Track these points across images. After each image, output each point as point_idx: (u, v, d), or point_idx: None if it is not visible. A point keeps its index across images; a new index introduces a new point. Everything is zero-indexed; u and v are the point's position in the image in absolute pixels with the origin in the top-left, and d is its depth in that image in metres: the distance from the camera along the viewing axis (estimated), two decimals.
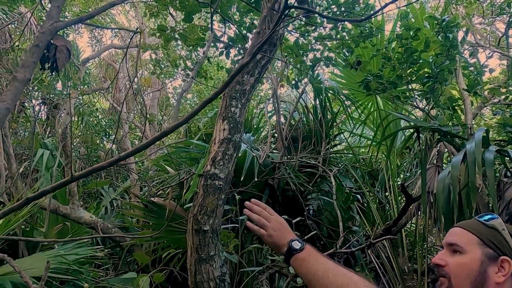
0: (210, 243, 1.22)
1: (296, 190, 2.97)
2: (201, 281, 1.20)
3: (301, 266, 1.03)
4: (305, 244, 1.05)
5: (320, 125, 3.54)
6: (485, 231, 0.97)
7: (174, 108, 2.82)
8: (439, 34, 2.47)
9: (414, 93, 2.98)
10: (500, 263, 0.91)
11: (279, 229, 1.12)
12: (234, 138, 1.34)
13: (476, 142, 1.70)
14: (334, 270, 0.99)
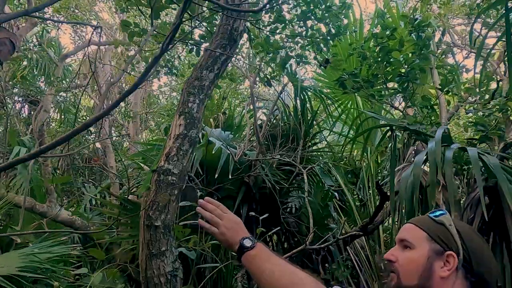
0: (161, 239, 1.21)
1: (271, 188, 2.97)
2: (152, 277, 1.20)
3: (251, 264, 1.04)
4: (256, 242, 1.06)
5: (300, 123, 3.56)
6: (434, 226, 0.99)
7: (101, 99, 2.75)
8: (411, 33, 2.50)
9: (388, 92, 3.01)
10: (445, 258, 0.93)
11: (232, 227, 1.13)
12: (190, 134, 1.33)
13: (436, 141, 1.72)
14: (282, 268, 1.01)
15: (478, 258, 0.93)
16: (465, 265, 0.92)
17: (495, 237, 2.16)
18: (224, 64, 1.49)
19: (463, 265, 0.92)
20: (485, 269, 0.93)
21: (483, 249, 0.95)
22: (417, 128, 2.29)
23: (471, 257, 0.92)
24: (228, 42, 1.49)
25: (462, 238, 0.94)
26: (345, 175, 4.68)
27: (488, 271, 0.93)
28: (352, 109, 3.74)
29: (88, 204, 4.62)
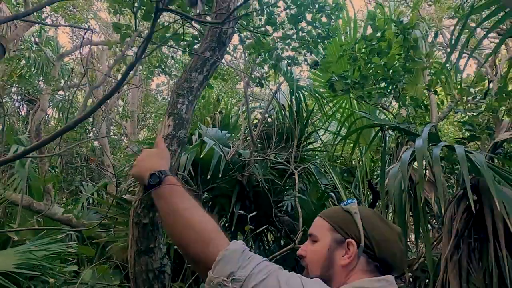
0: (150, 236, 1.25)
1: (264, 187, 3.02)
2: (140, 272, 1.24)
3: (158, 201, 1.03)
4: (165, 178, 1.04)
5: (295, 122, 3.60)
6: (339, 215, 1.01)
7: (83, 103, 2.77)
8: (397, 35, 2.54)
9: (378, 93, 3.06)
10: (346, 246, 0.95)
11: (148, 159, 1.12)
12: (179, 134, 1.38)
13: (423, 138, 1.77)
14: (190, 210, 0.97)
15: (381, 244, 0.95)
16: (367, 251, 0.94)
17: (479, 234, 2.21)
18: (213, 67, 1.53)
19: (365, 251, 0.94)
20: (388, 254, 0.95)
21: (387, 235, 0.96)
22: (406, 127, 2.34)
23: (372, 243, 0.94)
24: (217, 45, 1.53)
25: (365, 226, 0.95)
26: (341, 174, 4.73)
27: (392, 256, 0.95)
28: (346, 108, 3.79)
29: (85, 203, 4.67)
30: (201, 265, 0.90)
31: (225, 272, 0.84)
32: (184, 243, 0.94)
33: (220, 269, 0.85)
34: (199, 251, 0.91)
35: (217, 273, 0.85)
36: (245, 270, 0.84)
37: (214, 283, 0.84)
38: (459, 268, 2.38)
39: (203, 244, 0.91)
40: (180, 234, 0.95)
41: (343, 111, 3.93)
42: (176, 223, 0.96)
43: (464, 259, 2.39)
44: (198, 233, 0.93)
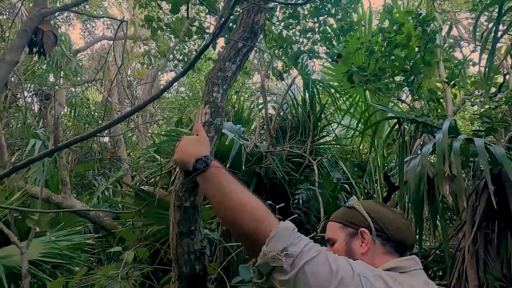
0: (191, 219, 1.30)
1: (282, 179, 3.06)
2: (182, 253, 1.29)
3: (205, 185, 1.07)
4: (211, 163, 1.08)
5: (308, 116, 3.64)
6: (346, 213, 1.09)
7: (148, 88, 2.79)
8: (416, 27, 2.56)
9: (396, 85, 3.08)
10: (360, 236, 1.02)
11: (190, 146, 1.18)
12: (216, 122, 1.42)
13: (443, 132, 1.80)
14: (239, 191, 1.02)
15: (389, 225, 1.03)
16: (380, 234, 1.02)
17: (499, 225, 2.23)
18: (245, 56, 1.57)
19: (378, 235, 1.02)
20: (398, 232, 1.02)
21: (394, 220, 1.04)
22: (425, 120, 2.36)
23: (382, 227, 1.03)
24: (250, 35, 1.56)
25: (369, 213, 1.04)
26: (352, 169, 4.76)
27: (402, 233, 1.03)
28: (360, 102, 3.81)
29: (100, 196, 4.75)
30: (253, 242, 0.94)
31: (279, 247, 0.88)
32: (237, 222, 0.98)
33: (273, 244, 0.89)
34: (251, 229, 0.94)
35: (271, 248, 0.88)
36: (297, 247, 0.88)
37: (269, 257, 0.87)
38: (476, 259, 2.41)
39: (256, 222, 0.95)
40: (232, 214, 0.99)
41: (358, 104, 3.95)
42: (228, 203, 1.00)
43: (481, 249, 2.42)
44: (250, 212, 0.97)
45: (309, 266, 0.87)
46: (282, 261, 0.86)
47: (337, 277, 0.85)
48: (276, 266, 0.87)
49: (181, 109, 4.66)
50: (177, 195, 1.32)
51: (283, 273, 0.86)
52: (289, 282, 0.86)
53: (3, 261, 2.57)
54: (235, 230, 1.02)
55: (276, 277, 0.88)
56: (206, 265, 1.33)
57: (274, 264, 0.87)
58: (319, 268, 0.87)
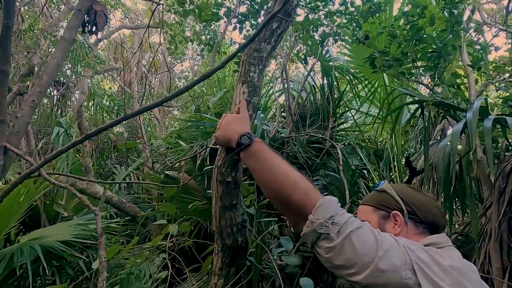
0: (232, 193, 1.35)
1: (304, 164, 3.10)
2: (225, 226, 1.34)
3: (249, 160, 1.11)
4: (254, 139, 1.13)
5: (328, 103, 3.64)
6: (377, 196, 1.12)
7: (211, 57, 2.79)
8: (444, 10, 2.54)
9: (419, 70, 3.07)
10: (393, 218, 1.06)
11: (230, 125, 1.21)
12: (253, 101, 1.45)
13: (474, 111, 1.80)
14: (283, 165, 1.05)
15: (420, 207, 1.06)
16: (412, 217, 1.05)
17: None
18: (279, 37, 1.60)
19: (410, 217, 1.05)
20: (430, 214, 1.06)
21: (426, 202, 1.07)
22: (452, 102, 2.36)
23: (413, 209, 1.06)
24: (284, 15, 1.59)
25: (401, 196, 1.07)
26: (368, 157, 4.76)
27: (434, 215, 1.06)
28: (381, 86, 3.78)
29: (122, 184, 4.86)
30: (298, 213, 0.98)
31: (326, 215, 0.92)
32: (282, 195, 1.01)
33: (320, 212, 0.93)
34: (297, 201, 0.98)
35: (318, 215, 0.92)
36: (342, 217, 0.92)
37: (316, 224, 0.91)
38: (500, 242, 2.42)
39: (301, 194, 0.98)
40: (277, 187, 1.02)
41: (377, 91, 3.94)
42: (273, 176, 1.04)
43: (505, 233, 2.43)
44: (296, 184, 1.00)
45: (355, 234, 0.90)
46: (329, 228, 0.90)
47: (382, 246, 0.88)
48: (323, 233, 0.89)
49: (197, 99, 4.71)
50: (220, 171, 1.37)
51: (329, 240, 0.89)
52: (335, 248, 0.88)
53: (39, 241, 2.68)
54: (279, 203, 1.05)
55: (322, 245, 0.91)
56: (247, 237, 1.38)
57: (321, 231, 0.90)
58: (365, 238, 0.90)
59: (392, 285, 0.84)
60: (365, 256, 0.86)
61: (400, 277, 0.84)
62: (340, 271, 0.89)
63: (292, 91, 4.43)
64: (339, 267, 0.89)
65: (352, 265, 0.86)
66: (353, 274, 0.86)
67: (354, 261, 0.86)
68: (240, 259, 1.36)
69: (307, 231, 0.93)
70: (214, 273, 1.34)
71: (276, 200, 1.06)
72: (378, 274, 0.84)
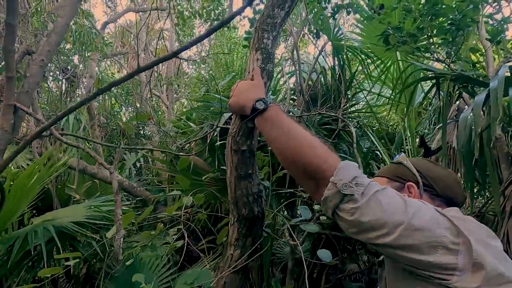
0: (248, 162, 1.31)
1: None
2: (241, 196, 1.30)
3: (264, 126, 1.06)
4: (270, 104, 1.08)
5: (339, 83, 3.56)
6: (393, 169, 1.10)
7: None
8: None
9: (435, 45, 2.96)
10: (407, 190, 1.03)
11: (245, 91, 1.16)
12: (268, 68, 1.40)
13: (499, 78, 1.72)
14: (300, 130, 1.00)
15: (437, 180, 1.03)
16: (428, 189, 1.02)
17: None
18: (293, 2, 1.53)
19: (426, 189, 1.02)
20: (447, 187, 1.02)
21: (445, 177, 1.04)
22: (471, 75, 2.27)
23: (430, 181, 1.03)
24: None
25: (418, 169, 1.03)
26: (380, 138, 4.68)
27: (451, 189, 1.03)
28: (394, 62, 3.67)
29: (132, 167, 4.88)
30: (317, 178, 0.93)
31: (349, 176, 0.87)
32: (299, 160, 0.96)
33: (342, 173, 0.87)
34: (316, 165, 0.92)
35: (341, 176, 0.87)
36: (365, 179, 0.87)
37: (340, 185, 0.85)
38: None
39: (321, 158, 0.93)
40: (295, 152, 0.97)
41: (389, 71, 3.83)
42: (291, 141, 0.99)
43: None
44: (315, 148, 0.95)
45: (380, 194, 0.86)
46: (353, 188, 0.85)
47: (411, 205, 0.84)
48: (347, 195, 0.84)
49: (206, 83, 4.67)
50: (234, 139, 1.33)
51: (354, 201, 0.84)
52: (361, 208, 0.83)
53: (52, 222, 2.70)
54: (297, 169, 1.00)
55: (345, 207, 0.85)
56: (263, 207, 1.35)
57: (345, 191, 0.85)
58: (391, 198, 0.86)
59: (425, 245, 0.79)
60: (396, 215, 0.82)
61: (435, 235, 0.79)
62: (367, 234, 0.84)
63: (303, 74, 4.35)
64: (365, 230, 0.83)
65: (382, 225, 0.81)
66: (383, 235, 0.81)
67: (383, 220, 0.81)
68: (256, 230, 1.33)
69: (328, 194, 0.88)
70: (230, 243, 1.31)
71: (293, 166, 1.01)
72: (411, 233, 0.79)
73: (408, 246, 0.80)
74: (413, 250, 0.79)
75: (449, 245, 0.79)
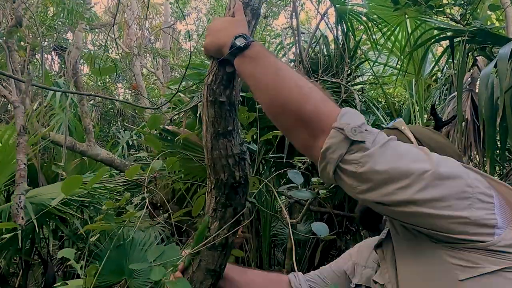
0: (227, 116, 1.08)
1: None
2: (219, 157, 1.08)
3: (246, 66, 0.85)
4: (252, 41, 0.86)
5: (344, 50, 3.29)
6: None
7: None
8: None
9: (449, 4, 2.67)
10: None
11: (225, 27, 0.93)
12: (252, 3, 1.14)
13: None
14: (291, 70, 0.83)
15: (437, 151, 0.83)
16: None
17: None
18: None
19: None
20: None
21: (447, 148, 0.90)
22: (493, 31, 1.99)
23: None
24: None
25: (417, 136, 0.91)
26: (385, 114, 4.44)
27: None
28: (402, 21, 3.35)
29: (125, 146, 4.69)
30: (312, 127, 0.75)
31: (357, 121, 0.70)
32: (290, 105, 0.77)
33: (348, 118, 0.71)
34: (310, 111, 0.75)
35: (348, 121, 0.70)
36: (372, 128, 0.72)
37: (348, 129, 0.68)
38: None
39: (319, 103, 0.76)
40: (284, 95, 0.78)
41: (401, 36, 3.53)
42: (280, 83, 0.80)
43: None
44: (309, 91, 0.77)
45: (394, 142, 0.70)
46: (363, 134, 0.67)
47: (430, 154, 0.69)
48: (356, 141, 0.68)
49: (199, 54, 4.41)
50: (210, 89, 1.09)
51: (364, 149, 0.67)
52: (373, 156, 0.66)
53: (31, 200, 2.51)
54: (287, 117, 0.80)
55: (353, 158, 0.68)
56: (247, 172, 1.12)
57: (355, 137, 0.67)
58: (407, 146, 0.71)
59: (457, 196, 0.63)
60: (418, 162, 0.65)
61: (467, 184, 0.64)
62: (383, 188, 0.66)
63: (304, 43, 4.06)
64: (381, 183, 0.65)
65: (402, 173, 0.64)
66: (404, 188, 0.64)
67: (404, 168, 0.64)
68: (238, 199, 1.11)
69: (331, 143, 0.69)
70: (206, 215, 1.09)
71: (282, 115, 0.81)
72: (439, 182, 0.63)
73: (436, 199, 0.63)
74: (442, 205, 0.63)
75: (484, 198, 0.65)
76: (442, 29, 2.31)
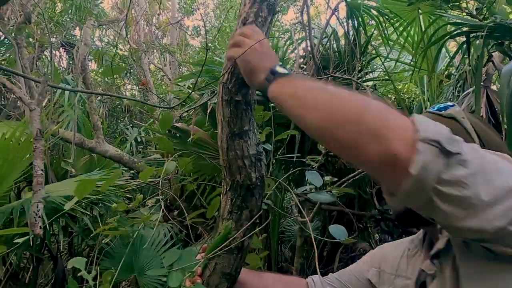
0: (243, 116, 1.04)
1: None
2: (235, 158, 1.05)
3: (283, 86, 0.77)
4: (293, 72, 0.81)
5: (355, 45, 3.22)
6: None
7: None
8: None
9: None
10: None
11: (263, 51, 0.86)
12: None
13: None
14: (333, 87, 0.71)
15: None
16: None
17: None
18: None
19: None
20: None
21: (501, 146, 0.78)
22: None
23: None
24: None
25: (478, 133, 0.77)
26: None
27: None
28: (416, 17, 3.27)
29: (133, 142, 4.69)
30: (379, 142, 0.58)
31: (442, 128, 0.57)
32: (351, 113, 0.63)
33: (430, 126, 0.57)
34: (374, 117, 0.60)
35: (433, 129, 0.56)
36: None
37: (442, 139, 0.54)
38: None
39: (383, 117, 0.60)
40: (339, 105, 0.66)
41: (414, 31, 3.46)
42: (329, 94, 0.69)
43: None
44: (361, 97, 0.66)
45: (485, 154, 0.59)
46: (456, 144, 0.55)
47: None
48: (454, 154, 0.54)
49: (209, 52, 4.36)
50: (226, 87, 1.05)
51: (463, 162, 0.54)
52: (475, 175, 0.54)
53: None
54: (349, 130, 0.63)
55: (452, 177, 0.53)
56: (263, 174, 1.09)
57: (454, 149, 0.54)
58: (493, 156, 0.60)
59: None
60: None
61: None
62: (485, 213, 0.53)
63: (314, 39, 3.99)
64: (485, 206, 0.53)
65: (507, 193, 0.53)
66: (507, 210, 0.53)
67: (507, 187, 0.54)
68: (254, 201, 1.08)
69: (427, 159, 0.53)
70: (222, 217, 1.06)
71: (340, 129, 0.64)
72: None
73: None
74: None
75: None
76: (458, 24, 2.24)
